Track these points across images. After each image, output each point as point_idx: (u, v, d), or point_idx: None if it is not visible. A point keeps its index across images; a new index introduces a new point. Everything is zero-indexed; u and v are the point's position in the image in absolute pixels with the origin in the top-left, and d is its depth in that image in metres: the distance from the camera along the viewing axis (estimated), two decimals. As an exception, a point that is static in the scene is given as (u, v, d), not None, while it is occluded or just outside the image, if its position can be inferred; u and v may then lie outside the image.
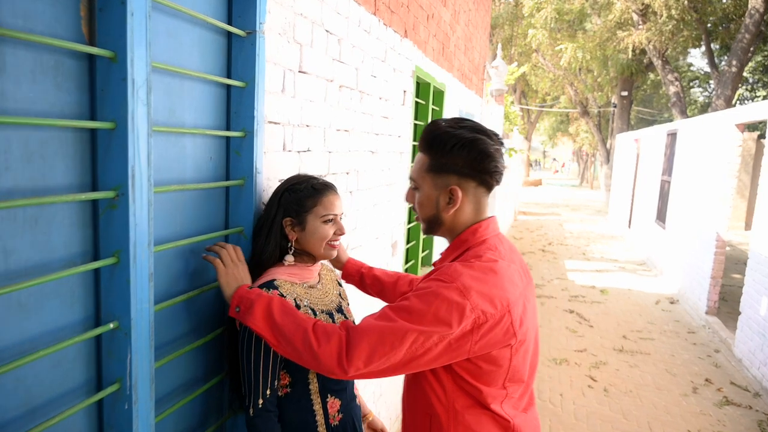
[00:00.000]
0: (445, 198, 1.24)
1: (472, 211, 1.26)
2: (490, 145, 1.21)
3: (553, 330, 5.81)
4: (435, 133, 1.23)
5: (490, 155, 1.20)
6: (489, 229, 1.26)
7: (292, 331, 1.19)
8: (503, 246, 1.25)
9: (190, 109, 1.41)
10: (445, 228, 1.29)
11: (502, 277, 1.15)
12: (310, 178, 1.54)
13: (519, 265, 1.26)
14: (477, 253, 1.20)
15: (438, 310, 1.08)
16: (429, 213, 1.28)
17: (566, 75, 20.38)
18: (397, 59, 2.91)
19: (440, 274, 1.15)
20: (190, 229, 1.45)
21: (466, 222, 1.27)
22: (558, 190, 29.74)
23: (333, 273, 1.76)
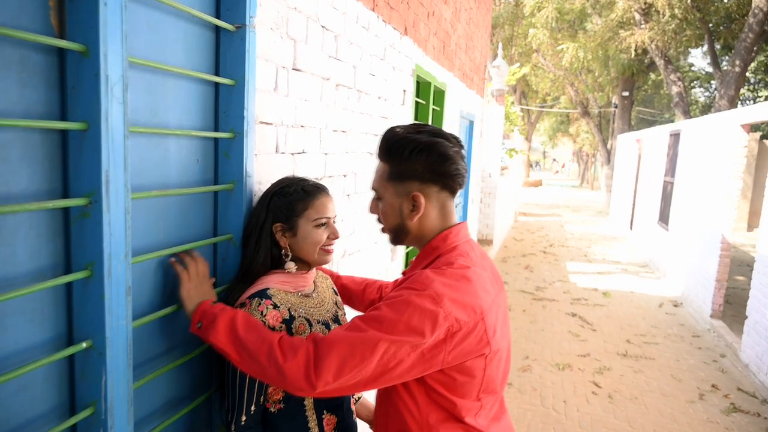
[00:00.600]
0: (408, 205, 1.22)
1: (437, 217, 1.23)
2: (449, 147, 1.18)
3: (555, 334, 5.72)
4: (392, 140, 1.20)
5: (450, 158, 1.18)
6: (460, 235, 1.23)
7: (256, 346, 1.12)
8: (474, 252, 1.23)
9: (174, 108, 1.31)
10: (412, 236, 1.26)
11: (475, 285, 1.12)
12: (300, 180, 1.45)
13: (491, 272, 1.24)
14: (448, 260, 1.17)
15: (410, 319, 1.05)
16: (394, 222, 1.25)
17: (567, 75, 20.30)
18: (397, 57, 2.82)
19: (412, 282, 1.12)
20: (175, 238, 1.35)
21: (433, 228, 1.24)
22: (558, 190, 29.65)
23: (329, 280, 1.66)
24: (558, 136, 37.55)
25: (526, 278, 8.22)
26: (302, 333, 1.37)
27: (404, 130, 1.22)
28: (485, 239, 9.30)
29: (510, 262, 9.37)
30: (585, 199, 24.00)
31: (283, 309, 1.36)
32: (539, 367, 4.81)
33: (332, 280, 1.71)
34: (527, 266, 9.09)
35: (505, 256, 9.93)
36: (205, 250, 1.47)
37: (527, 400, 4.15)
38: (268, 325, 1.30)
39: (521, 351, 5.18)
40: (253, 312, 1.30)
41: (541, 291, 7.49)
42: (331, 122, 2.04)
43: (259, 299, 1.33)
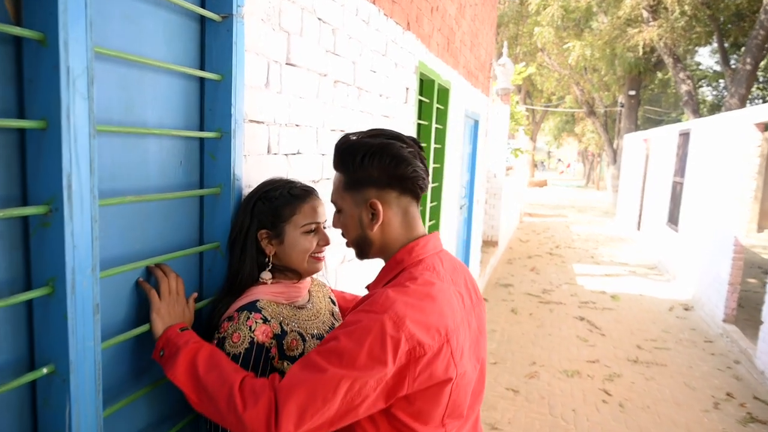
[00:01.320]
0: (367, 214, 1.15)
1: (401, 225, 1.16)
2: (403, 148, 1.12)
3: (563, 339, 5.58)
4: (344, 147, 1.14)
5: (405, 159, 1.11)
6: (428, 246, 1.15)
7: (216, 388, 1.03)
8: (444, 265, 1.15)
9: (153, 105, 1.20)
10: (376, 248, 1.18)
11: (440, 303, 1.05)
12: (287, 183, 1.34)
13: (464, 285, 1.17)
14: (412, 275, 1.09)
15: (372, 349, 0.96)
16: (355, 234, 1.18)
17: (572, 74, 20.13)
18: (399, 53, 2.70)
19: (371, 304, 1.03)
20: (156, 247, 1.24)
21: (398, 239, 1.16)
22: (564, 190, 29.45)
23: (325, 288, 1.55)
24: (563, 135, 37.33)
25: (532, 280, 8.08)
26: (295, 349, 1.27)
27: (357, 135, 1.16)
28: (490, 240, 9.17)
29: (515, 264, 9.23)
30: (591, 200, 23.80)
31: (273, 323, 1.25)
32: (547, 373, 4.68)
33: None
34: (533, 268, 8.94)
35: (510, 257, 9.79)
36: (190, 259, 1.35)
37: (535, 409, 4.02)
38: (257, 342, 1.19)
39: (528, 356, 5.05)
40: (241, 327, 1.19)
41: (547, 294, 7.35)
42: (329, 121, 1.92)
43: (247, 313, 1.22)
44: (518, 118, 11.88)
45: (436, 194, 3.98)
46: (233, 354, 1.17)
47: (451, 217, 4.65)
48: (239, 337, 1.20)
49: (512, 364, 4.84)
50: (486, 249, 8.46)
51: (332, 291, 1.61)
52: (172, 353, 1.09)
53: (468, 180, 5.76)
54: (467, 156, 5.60)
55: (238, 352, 1.18)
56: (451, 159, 4.32)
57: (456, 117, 4.41)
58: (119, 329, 1.13)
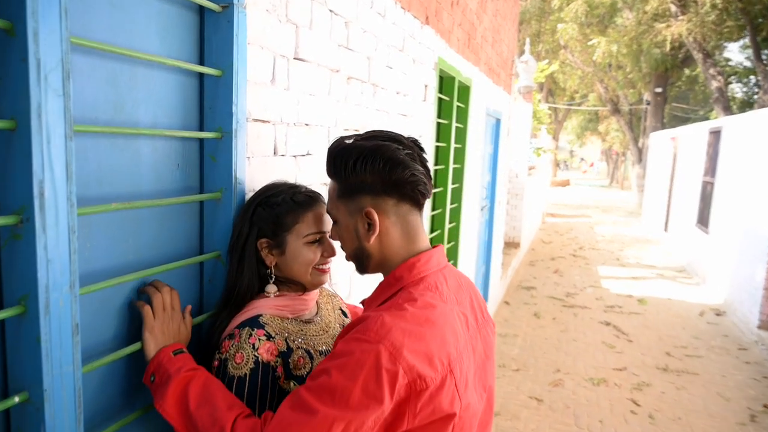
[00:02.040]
0: (363, 224, 1.04)
1: (401, 235, 1.05)
2: (398, 150, 1.01)
3: (588, 345, 5.39)
4: (336, 152, 1.04)
5: (400, 162, 1.00)
6: (430, 262, 1.05)
7: (206, 427, 0.93)
8: (448, 283, 1.05)
9: (146, 103, 1.10)
10: (375, 261, 1.08)
11: (441, 328, 0.95)
12: (290, 188, 1.23)
13: (470, 305, 1.08)
14: (411, 295, 0.99)
15: (366, 385, 0.86)
16: (352, 246, 1.08)
17: (596, 72, 19.72)
18: (418, 49, 2.57)
19: (365, 330, 0.91)
20: (150, 257, 1.14)
21: (398, 252, 1.06)
22: (587, 190, 28.91)
23: (335, 299, 1.44)
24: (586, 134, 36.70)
25: (556, 283, 7.87)
26: (302, 368, 1.16)
27: (351, 138, 1.05)
28: (512, 242, 8.98)
29: (538, 266, 9.01)
30: (615, 200, 23.29)
31: (278, 339, 1.14)
32: (572, 381, 4.50)
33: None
34: (556, 270, 8.73)
35: (532, 259, 9.58)
36: (189, 270, 1.25)
37: (560, 419, 3.86)
38: (262, 361, 1.08)
39: (552, 363, 4.87)
40: (243, 345, 1.09)
41: (571, 297, 7.14)
42: (342, 120, 1.81)
43: (249, 329, 1.12)
44: (541, 117, 11.64)
45: (456, 196, 3.85)
46: (238, 377, 1.07)
47: (471, 219, 4.50)
48: (242, 357, 1.09)
49: (535, 371, 4.67)
50: (507, 251, 8.28)
51: (344, 303, 1.49)
52: (162, 381, 0.99)
53: (489, 180, 5.60)
54: (488, 156, 5.44)
55: (242, 374, 1.08)
56: (471, 159, 4.18)
57: (477, 115, 4.26)
58: (106, 349, 1.03)
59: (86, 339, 0.98)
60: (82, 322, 0.97)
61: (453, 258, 3.94)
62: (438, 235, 3.47)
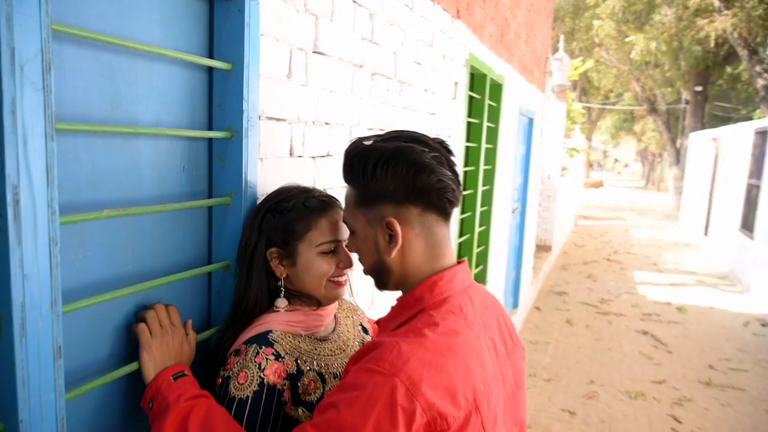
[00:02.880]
0: (383, 236, 0.93)
1: (424, 249, 0.94)
2: (424, 153, 0.89)
3: (624, 355, 5.15)
4: (353, 154, 0.93)
5: (426, 166, 0.89)
6: (454, 282, 0.94)
7: None
8: (474, 305, 0.94)
9: (147, 99, 1.00)
10: (395, 278, 0.96)
11: (466, 358, 0.84)
12: (303, 192, 1.12)
13: (497, 328, 0.97)
14: (432, 319, 0.87)
15: (379, 424, 0.76)
16: (371, 260, 0.97)
17: (632, 70, 19.13)
18: (448, 44, 2.44)
19: (379, 359, 0.80)
20: (153, 268, 1.04)
21: (420, 268, 0.94)
22: (621, 192, 28.14)
23: (356, 314, 1.32)
24: (621, 134, 35.76)
25: (589, 288, 7.60)
26: (312, 393, 1.06)
27: (372, 139, 0.95)
28: (543, 245, 8.73)
29: (570, 270, 8.73)
30: (651, 202, 22.58)
31: (288, 360, 1.03)
32: (607, 394, 4.29)
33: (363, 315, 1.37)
34: (590, 275, 8.43)
35: (564, 263, 9.29)
36: (195, 281, 1.16)
37: (594, 434, 3.66)
38: (267, 383, 0.98)
39: (585, 374, 4.66)
40: (248, 364, 0.99)
41: (606, 304, 6.86)
42: (365, 119, 1.69)
43: (257, 346, 1.01)
44: (574, 116, 11.32)
45: (486, 198, 3.69)
46: (239, 398, 0.97)
47: (502, 223, 4.34)
48: (246, 377, 0.99)
49: (568, 382, 4.47)
50: (539, 254, 8.04)
51: (366, 318, 1.37)
52: (161, 410, 0.90)
53: (521, 182, 5.41)
54: (521, 157, 5.25)
55: (245, 397, 0.97)
56: (503, 160, 4.01)
57: (509, 115, 4.10)
58: (99, 372, 0.94)
59: (75, 360, 0.89)
60: (72, 341, 0.88)
61: (482, 263, 3.78)
62: (467, 239, 3.32)
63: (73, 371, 0.89)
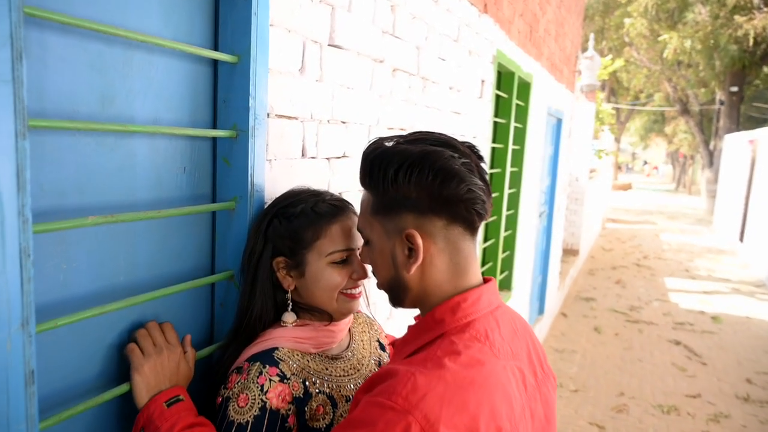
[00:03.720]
0: (402, 249, 0.83)
1: (447, 266, 0.83)
2: (452, 159, 0.79)
3: (656, 366, 4.93)
4: (373, 156, 0.83)
5: (455, 174, 0.78)
6: (479, 304, 0.83)
7: None
8: (500, 331, 0.83)
9: (144, 95, 0.91)
10: (412, 296, 0.86)
11: (491, 392, 0.73)
12: (313, 195, 1.02)
13: (527, 356, 0.87)
14: (454, 347, 0.77)
15: None
16: (387, 275, 0.87)
17: (663, 70, 18.60)
18: (474, 40, 2.31)
19: (391, 392, 0.70)
20: (149, 279, 0.96)
21: (441, 285, 0.84)
22: (650, 195, 27.45)
23: (373, 328, 1.22)
24: (651, 136, 34.93)
25: (618, 295, 7.35)
26: (321, 419, 0.96)
27: (394, 140, 0.84)
28: (570, 249, 8.49)
29: (598, 276, 8.48)
30: (682, 205, 21.94)
31: (294, 381, 0.94)
32: (638, 408, 4.09)
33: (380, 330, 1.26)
34: (618, 280, 8.17)
35: (592, 267, 9.04)
36: (196, 293, 1.07)
37: (624, 451, 3.49)
38: (270, 407, 0.89)
39: (615, 385, 4.47)
40: (250, 385, 0.90)
41: (636, 311, 6.62)
42: (385, 117, 1.58)
43: (260, 365, 0.92)
44: (604, 117, 11.02)
45: (513, 201, 3.55)
46: (238, 423, 0.88)
47: (529, 227, 4.18)
48: (247, 399, 0.90)
49: (596, 394, 4.29)
50: (565, 258, 7.82)
51: (383, 332, 1.26)
52: None
53: (548, 185, 5.24)
54: (548, 158, 5.08)
55: (244, 422, 0.88)
56: (530, 162, 3.86)
57: (537, 115, 3.94)
58: (85, 395, 0.85)
59: (55, 384, 0.81)
60: (52, 363, 0.80)
61: (508, 268, 3.64)
62: (492, 244, 3.19)
63: (53, 396, 0.80)
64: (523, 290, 4.23)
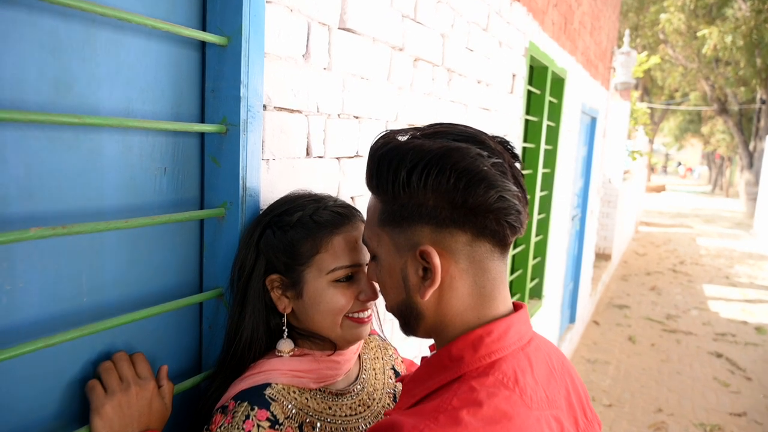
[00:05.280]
0: (415, 269, 0.67)
1: (471, 292, 0.67)
2: (480, 159, 0.63)
3: (696, 380, 4.63)
4: (381, 152, 0.67)
5: (483, 177, 0.62)
6: (507, 338, 0.67)
7: None
8: (533, 371, 0.66)
9: (112, 82, 0.77)
10: (427, 325, 0.70)
11: None
12: (313, 201, 0.87)
13: (565, 400, 0.70)
14: (475, 395, 0.61)
15: None
16: (396, 298, 0.71)
17: (701, 68, 17.94)
18: (505, 30, 2.13)
19: None
20: (120, 299, 0.81)
21: (462, 314, 0.68)
22: (685, 197, 26.56)
23: (387, 353, 1.05)
24: (686, 137, 33.86)
25: (653, 302, 7.01)
26: None
27: (408, 134, 0.69)
28: (602, 253, 8.17)
29: (632, 282, 8.13)
30: (719, 208, 21.13)
31: (289, 427, 0.79)
32: (677, 425, 3.82)
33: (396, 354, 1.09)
34: (653, 287, 7.81)
35: (625, 273, 8.68)
36: (181, 314, 0.92)
37: (664, 474, 3.24)
38: None
39: (652, 400, 4.20)
40: (234, 430, 0.75)
41: (673, 320, 6.29)
42: (405, 112, 1.42)
43: (249, 406, 0.77)
44: (639, 117, 10.62)
45: (545, 205, 3.34)
46: None
47: (561, 231, 3.95)
48: None
49: (632, 409, 4.03)
50: (597, 263, 7.51)
51: (399, 357, 1.09)
52: None
53: (581, 187, 4.99)
54: (582, 159, 4.83)
55: None
56: (563, 163, 3.64)
57: (571, 113, 3.72)
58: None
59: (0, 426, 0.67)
60: None
61: (538, 276, 3.42)
62: (523, 250, 2.98)
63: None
64: (554, 298, 4.00)
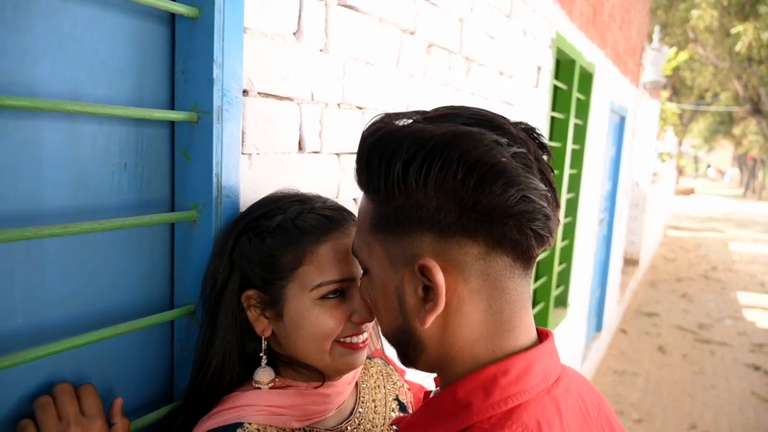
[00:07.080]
0: (413, 287, 0.53)
1: (484, 318, 0.52)
2: (498, 147, 0.48)
3: (732, 395, 4.36)
4: (372, 140, 0.52)
5: (501, 171, 0.47)
6: (528, 379, 0.52)
7: None
8: (561, 421, 0.50)
9: (53, 59, 0.64)
10: (429, 357, 0.56)
11: None
12: (297, 202, 0.73)
13: None
14: None
15: None
16: (391, 323, 0.57)
17: (733, 67, 17.37)
18: (530, 18, 1.96)
19: None
20: (67, 320, 0.68)
21: (472, 347, 0.53)
22: (715, 200, 25.78)
23: (390, 380, 0.90)
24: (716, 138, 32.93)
25: (684, 310, 6.71)
26: None
27: (410, 117, 0.54)
28: (630, 258, 7.87)
29: (661, 288, 7.82)
30: (752, 212, 20.43)
31: None
32: (714, 444, 3.59)
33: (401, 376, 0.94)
34: (684, 294, 7.50)
35: (653, 279, 8.36)
36: (147, 334, 0.78)
37: (701, 499, 3.01)
38: None
39: (685, 415, 3.96)
40: None
41: (706, 330, 5.99)
42: (416, 103, 1.27)
43: None
44: (668, 117, 10.26)
45: (571, 208, 3.15)
46: None
47: (588, 235, 3.75)
48: None
49: (663, 425, 3.80)
50: (625, 268, 7.22)
51: (405, 384, 0.94)
52: None
53: (609, 189, 4.76)
54: (610, 160, 4.60)
55: None
56: (591, 163, 3.44)
57: (600, 110, 3.51)
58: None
59: None
60: None
61: (564, 283, 3.23)
62: (548, 257, 2.80)
63: None
64: (580, 306, 3.79)
